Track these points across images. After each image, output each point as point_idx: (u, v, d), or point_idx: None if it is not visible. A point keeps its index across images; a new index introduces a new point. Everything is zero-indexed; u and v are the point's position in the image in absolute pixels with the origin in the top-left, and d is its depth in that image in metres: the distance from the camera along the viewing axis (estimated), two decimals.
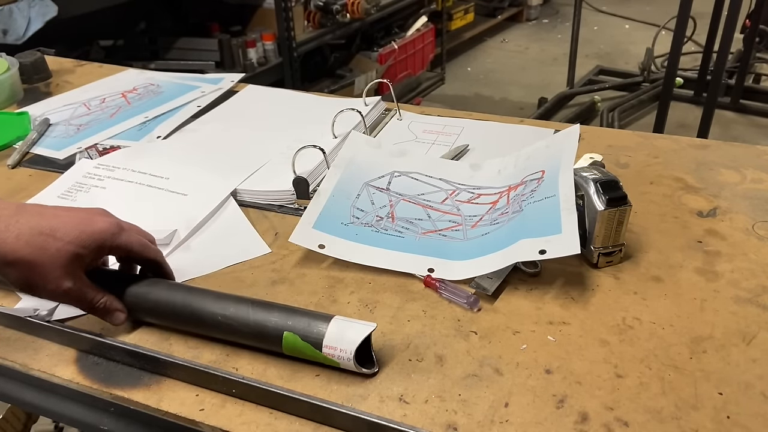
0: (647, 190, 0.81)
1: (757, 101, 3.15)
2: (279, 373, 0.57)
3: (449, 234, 0.72)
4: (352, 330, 0.55)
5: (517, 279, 0.67)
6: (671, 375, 0.54)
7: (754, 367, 0.55)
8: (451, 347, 0.59)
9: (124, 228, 0.61)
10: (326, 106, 1.05)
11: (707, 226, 0.74)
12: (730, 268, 0.67)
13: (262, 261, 0.72)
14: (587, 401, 0.52)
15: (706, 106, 2.53)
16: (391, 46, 3.18)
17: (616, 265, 0.68)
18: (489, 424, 0.51)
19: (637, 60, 3.53)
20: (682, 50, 2.43)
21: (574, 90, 3.39)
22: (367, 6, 2.85)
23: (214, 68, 2.45)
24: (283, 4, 2.49)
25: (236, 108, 1.11)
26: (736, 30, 2.40)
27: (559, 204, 0.65)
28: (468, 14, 4.03)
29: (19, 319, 0.63)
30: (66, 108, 1.13)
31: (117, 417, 0.58)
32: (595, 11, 4.76)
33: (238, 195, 0.84)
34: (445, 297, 0.65)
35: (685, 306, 0.62)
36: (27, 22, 1.76)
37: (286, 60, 2.58)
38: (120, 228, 0.60)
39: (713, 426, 0.50)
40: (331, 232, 0.72)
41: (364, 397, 0.54)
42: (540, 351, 0.58)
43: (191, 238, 0.76)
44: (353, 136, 0.86)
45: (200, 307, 0.59)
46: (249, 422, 0.53)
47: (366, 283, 0.67)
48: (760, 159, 0.88)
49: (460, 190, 0.80)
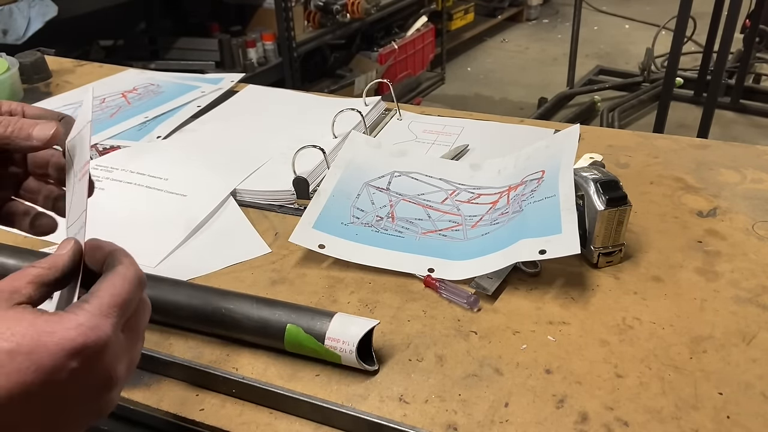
0: (647, 190, 0.81)
1: (757, 101, 3.15)
2: (279, 373, 0.57)
3: (449, 234, 0.72)
4: (355, 324, 0.55)
5: (517, 279, 0.67)
6: (671, 375, 0.54)
7: (754, 367, 0.55)
8: (451, 347, 0.59)
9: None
10: (326, 106, 1.05)
11: (707, 226, 0.74)
12: (730, 268, 0.67)
13: (262, 261, 0.72)
14: (587, 401, 0.52)
15: (706, 106, 2.53)
16: (391, 46, 3.18)
17: (616, 265, 0.68)
18: (489, 424, 0.51)
19: (637, 60, 3.53)
20: (682, 50, 2.43)
21: (574, 90, 3.39)
22: (367, 6, 2.85)
23: (214, 68, 2.45)
24: (283, 4, 2.49)
25: (236, 108, 1.11)
26: (736, 30, 2.40)
27: (559, 204, 0.65)
28: (468, 14, 4.03)
29: None
30: (66, 108, 1.13)
31: (117, 417, 0.58)
32: (595, 11, 4.76)
33: (238, 195, 0.84)
34: (445, 297, 0.65)
35: (685, 306, 0.62)
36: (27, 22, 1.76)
37: (286, 60, 2.58)
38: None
39: (713, 426, 0.50)
40: (331, 232, 0.72)
41: (364, 397, 0.54)
42: (540, 351, 0.58)
43: (191, 238, 0.77)
44: (353, 136, 0.86)
45: (204, 303, 0.59)
46: (249, 422, 0.53)
47: (366, 283, 0.67)
48: (760, 159, 0.87)
49: (460, 190, 0.80)
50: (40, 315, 0.35)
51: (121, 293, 0.38)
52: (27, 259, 0.66)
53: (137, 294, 0.40)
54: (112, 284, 0.39)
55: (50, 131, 0.45)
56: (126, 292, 0.39)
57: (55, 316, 0.35)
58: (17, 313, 0.35)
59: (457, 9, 3.90)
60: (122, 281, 0.39)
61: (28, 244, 0.76)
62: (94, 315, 0.36)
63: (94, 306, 0.37)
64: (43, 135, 0.45)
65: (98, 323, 0.36)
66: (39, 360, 0.34)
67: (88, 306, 0.37)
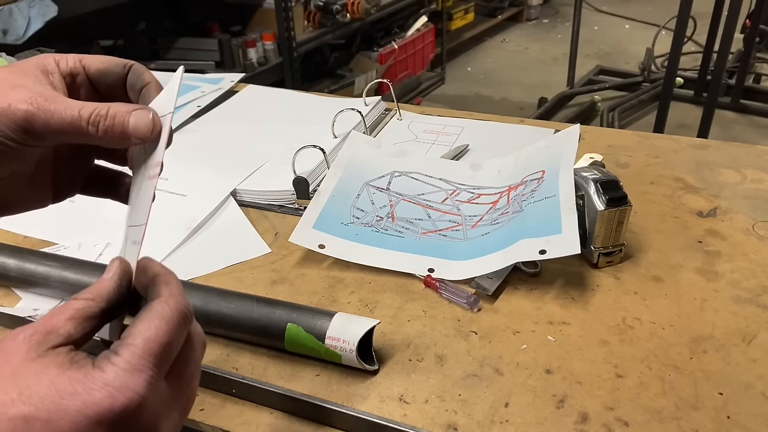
0: (647, 190, 0.81)
1: (757, 101, 3.15)
2: (279, 373, 0.57)
3: (449, 234, 0.72)
4: (355, 323, 0.55)
5: (517, 279, 0.67)
6: (671, 375, 0.54)
7: (755, 367, 0.55)
8: (451, 347, 0.59)
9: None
10: (326, 106, 1.05)
11: (707, 226, 0.74)
12: (730, 268, 0.67)
13: (262, 261, 0.72)
14: (587, 401, 0.52)
15: (706, 106, 2.53)
16: (391, 46, 3.18)
17: (616, 265, 0.68)
18: (489, 424, 0.51)
19: (637, 60, 3.53)
20: (682, 50, 2.43)
21: (574, 90, 3.39)
22: (367, 6, 2.85)
23: (214, 68, 2.45)
24: (283, 4, 2.49)
25: (236, 108, 1.11)
26: (737, 30, 2.40)
27: (559, 204, 0.65)
28: (468, 14, 4.03)
29: (19, 319, 0.63)
30: None
31: None
32: (595, 11, 4.76)
33: (238, 195, 0.84)
34: (445, 297, 0.65)
35: (685, 306, 0.62)
36: (27, 22, 1.76)
37: (286, 60, 2.58)
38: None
39: (713, 426, 0.50)
40: (331, 232, 0.72)
41: (364, 397, 0.54)
42: (540, 351, 0.58)
43: (191, 238, 0.76)
44: (353, 136, 0.86)
45: (205, 302, 0.59)
46: (249, 422, 0.53)
47: (366, 283, 0.67)
48: (760, 159, 0.87)
49: (460, 190, 0.80)
50: (64, 370, 0.30)
51: (157, 338, 0.32)
52: (27, 259, 0.66)
53: (180, 333, 0.33)
54: (147, 326, 0.32)
55: (149, 124, 0.38)
56: (164, 334, 0.32)
57: (79, 373, 0.30)
58: (41, 367, 0.30)
59: (457, 9, 3.89)
60: (159, 321, 0.32)
61: (28, 244, 0.76)
62: (125, 371, 0.30)
63: (123, 359, 0.31)
64: (142, 132, 0.37)
65: (128, 382, 0.30)
66: (58, 428, 0.29)
67: (117, 359, 0.31)
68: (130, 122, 0.37)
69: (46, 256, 0.67)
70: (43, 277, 0.65)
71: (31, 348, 0.30)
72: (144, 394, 0.30)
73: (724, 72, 2.66)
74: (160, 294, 0.34)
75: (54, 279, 0.65)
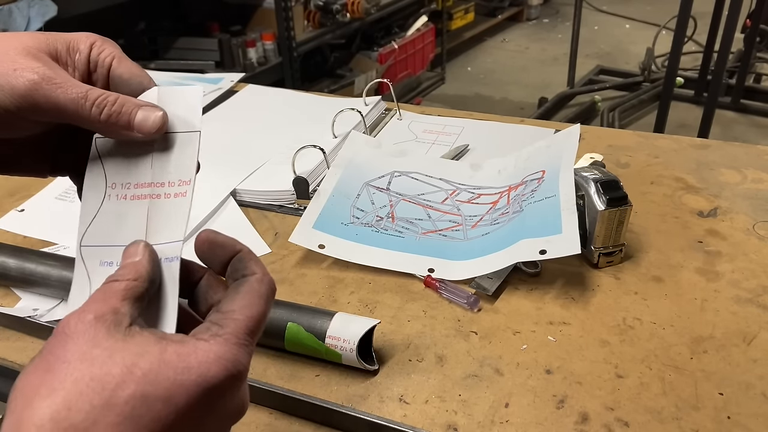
0: (647, 190, 0.81)
1: (757, 101, 3.15)
2: (279, 373, 0.57)
3: (449, 234, 0.72)
4: (356, 323, 0.55)
5: (517, 279, 0.67)
6: (672, 375, 0.54)
7: (755, 367, 0.55)
8: (451, 347, 0.58)
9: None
10: (326, 106, 1.05)
11: (708, 226, 0.74)
12: (730, 268, 0.67)
13: (262, 261, 0.72)
14: (587, 401, 0.52)
15: (707, 106, 2.53)
16: (391, 45, 3.18)
17: (617, 265, 0.68)
18: (489, 424, 0.51)
19: (638, 60, 3.52)
20: (682, 50, 2.43)
21: (575, 90, 3.39)
22: (367, 6, 2.85)
23: (214, 68, 2.45)
24: (283, 3, 2.49)
25: (236, 108, 1.11)
26: (737, 30, 2.40)
27: (559, 204, 0.65)
28: (468, 14, 4.03)
29: (19, 319, 0.63)
30: None
31: None
32: (596, 11, 4.75)
33: (237, 195, 0.84)
34: (445, 297, 0.65)
35: (685, 306, 0.62)
36: (27, 21, 1.76)
37: (286, 60, 2.58)
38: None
39: (714, 426, 0.50)
40: (331, 232, 0.72)
41: (364, 398, 0.54)
42: (540, 351, 0.58)
43: (191, 238, 0.76)
44: (353, 136, 0.86)
45: None
46: (249, 422, 0.53)
47: (366, 283, 0.67)
48: (760, 159, 0.87)
49: (460, 190, 0.80)
50: (166, 345, 0.30)
51: (258, 315, 0.33)
52: (27, 259, 0.66)
53: (269, 312, 0.34)
54: (249, 304, 0.33)
55: (157, 121, 0.37)
56: (264, 313, 0.33)
57: (185, 347, 0.30)
58: (138, 345, 0.29)
59: (457, 9, 3.89)
60: (259, 299, 0.33)
61: (28, 244, 0.76)
62: (234, 345, 0.31)
63: (231, 333, 0.31)
64: (148, 126, 0.36)
65: (237, 354, 0.31)
66: (178, 404, 0.29)
67: (223, 332, 0.31)
68: (137, 114, 0.36)
69: (46, 256, 0.67)
70: (43, 277, 0.65)
71: (111, 328, 0.30)
72: (247, 365, 0.31)
73: (724, 72, 2.66)
74: (254, 271, 0.35)
75: (54, 279, 0.65)
